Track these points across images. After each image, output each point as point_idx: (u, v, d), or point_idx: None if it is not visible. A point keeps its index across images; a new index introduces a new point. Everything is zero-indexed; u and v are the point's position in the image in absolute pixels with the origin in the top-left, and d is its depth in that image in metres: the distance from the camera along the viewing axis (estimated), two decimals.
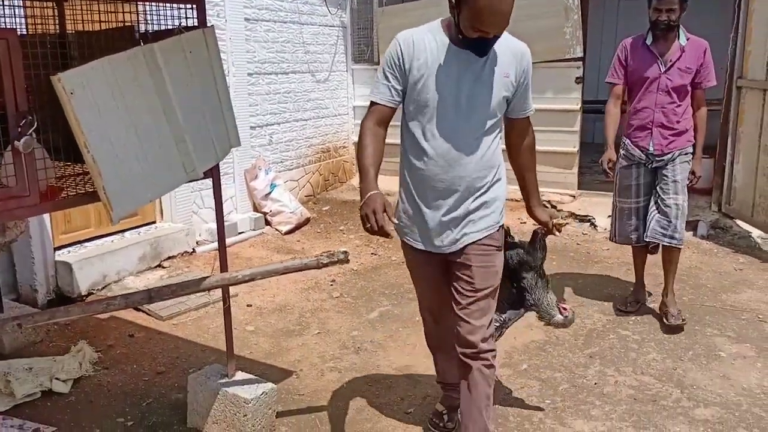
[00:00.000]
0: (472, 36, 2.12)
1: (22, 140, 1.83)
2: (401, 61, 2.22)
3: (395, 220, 2.18)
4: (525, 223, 5.59)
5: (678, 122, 3.77)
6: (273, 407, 2.83)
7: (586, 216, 6.12)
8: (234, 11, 5.66)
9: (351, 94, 7.58)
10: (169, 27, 2.49)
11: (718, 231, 5.70)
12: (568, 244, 5.50)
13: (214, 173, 2.61)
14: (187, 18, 2.48)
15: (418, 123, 2.27)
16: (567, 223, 2.40)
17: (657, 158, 3.82)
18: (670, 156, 3.80)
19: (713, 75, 3.79)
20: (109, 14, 2.57)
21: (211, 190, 2.68)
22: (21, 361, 3.30)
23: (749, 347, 3.64)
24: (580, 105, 6.36)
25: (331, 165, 7.38)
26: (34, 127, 1.86)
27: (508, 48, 2.27)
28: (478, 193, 2.32)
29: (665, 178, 3.81)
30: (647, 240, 3.91)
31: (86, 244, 4.57)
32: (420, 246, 2.41)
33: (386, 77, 2.26)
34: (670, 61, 3.72)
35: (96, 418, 2.97)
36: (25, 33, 2.66)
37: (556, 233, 2.56)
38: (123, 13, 2.59)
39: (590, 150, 7.91)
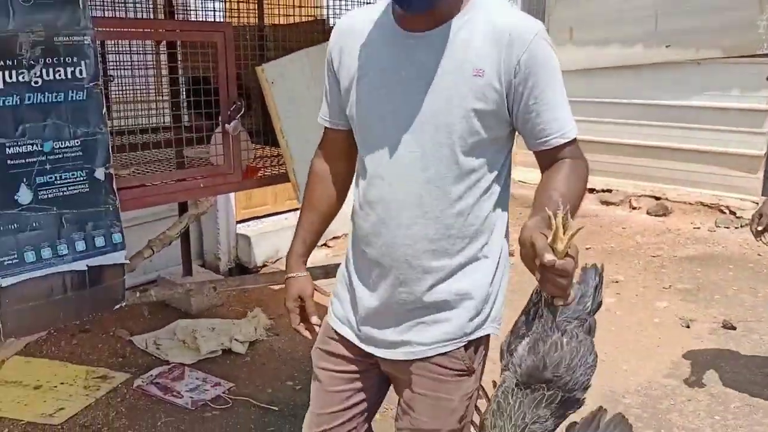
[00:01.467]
0: None
1: (232, 124, 2.05)
2: (331, 60, 1.45)
3: (316, 319, 1.62)
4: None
5: None
6: None
7: None
8: None
9: None
10: None
11: None
12: (748, 254, 5.09)
13: None
14: None
15: (359, 154, 1.48)
16: (578, 230, 1.08)
17: None
18: None
19: None
20: (302, 8, 2.78)
21: None
22: (206, 321, 3.69)
23: None
24: None
25: None
26: (241, 113, 2.07)
27: (489, 27, 1.27)
28: (435, 279, 1.39)
29: None
30: None
31: (263, 219, 4.95)
32: (342, 331, 1.56)
33: (326, 88, 1.51)
34: None
35: (268, 379, 3.24)
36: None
37: (544, 261, 1.06)
38: (314, 7, 2.78)
39: None
